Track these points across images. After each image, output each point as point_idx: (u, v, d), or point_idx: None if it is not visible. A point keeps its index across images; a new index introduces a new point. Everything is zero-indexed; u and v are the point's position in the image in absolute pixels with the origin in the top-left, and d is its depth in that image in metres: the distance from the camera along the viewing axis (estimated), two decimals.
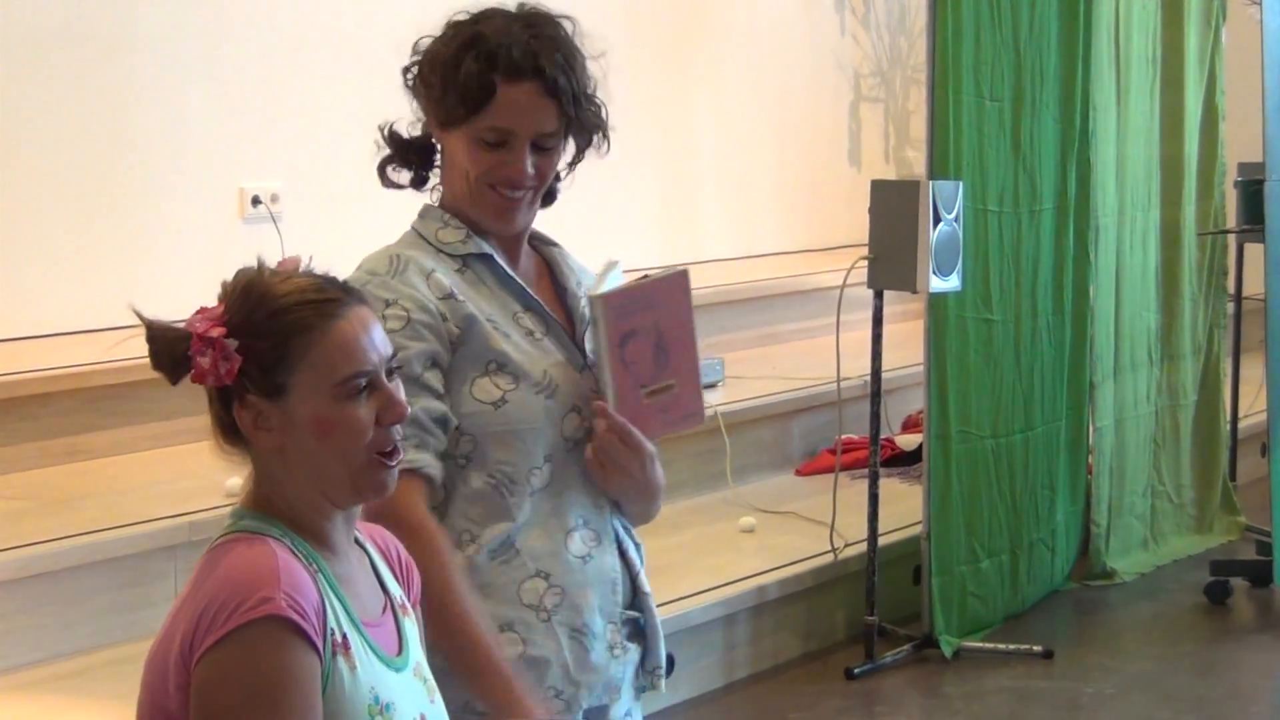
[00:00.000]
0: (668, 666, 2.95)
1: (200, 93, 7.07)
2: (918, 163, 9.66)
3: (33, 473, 5.84)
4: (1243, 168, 7.51)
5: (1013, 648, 6.26)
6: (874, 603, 6.10)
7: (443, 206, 2.85)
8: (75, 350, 6.20)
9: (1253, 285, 7.83)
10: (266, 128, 7.27)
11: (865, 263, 6.10)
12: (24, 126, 6.58)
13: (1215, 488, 7.73)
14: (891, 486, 7.01)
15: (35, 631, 4.96)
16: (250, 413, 2.22)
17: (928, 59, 6.25)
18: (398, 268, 2.75)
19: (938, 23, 6.17)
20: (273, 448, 2.23)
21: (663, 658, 2.91)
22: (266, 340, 2.20)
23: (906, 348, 7.26)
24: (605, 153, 2.88)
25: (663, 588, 2.96)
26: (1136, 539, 7.33)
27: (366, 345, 2.23)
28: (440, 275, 2.76)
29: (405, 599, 2.38)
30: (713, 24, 9.35)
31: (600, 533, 2.82)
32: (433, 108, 2.79)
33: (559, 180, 2.87)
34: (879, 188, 6.13)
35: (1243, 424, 8.01)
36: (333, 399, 2.21)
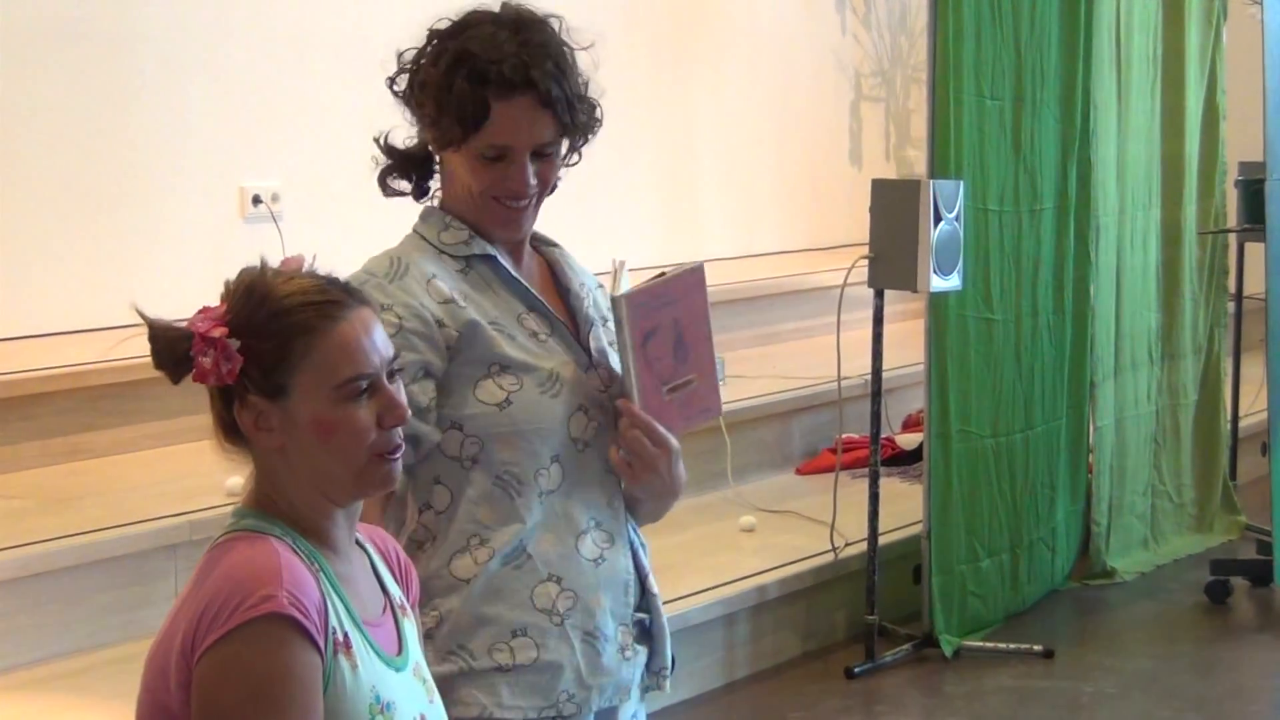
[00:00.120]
0: (670, 665, 2.95)
1: (201, 92, 7.07)
2: (918, 162, 9.66)
3: (33, 472, 5.84)
4: (1243, 167, 7.51)
5: (1013, 647, 6.26)
6: (874, 602, 6.10)
7: (443, 209, 2.83)
8: (75, 349, 6.20)
9: (1253, 284, 7.84)
10: (267, 127, 7.27)
11: (866, 262, 6.09)
12: (24, 125, 6.58)
13: (1215, 487, 7.73)
14: (892, 486, 7.01)
15: (35, 631, 4.96)
16: (251, 413, 2.22)
17: (928, 58, 6.25)
18: (397, 271, 2.74)
19: (938, 22, 6.17)
20: (274, 448, 2.23)
21: (669, 658, 2.91)
22: (268, 341, 2.20)
23: (907, 347, 7.26)
24: (595, 133, 2.85)
25: (663, 587, 2.95)
26: (1137, 538, 7.33)
27: (368, 347, 2.23)
28: (440, 281, 2.74)
29: (404, 600, 2.38)
30: (713, 24, 9.35)
31: (613, 533, 2.82)
32: (429, 130, 2.78)
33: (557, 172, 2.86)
34: (879, 187, 6.13)
35: (1243, 423, 8.01)
36: (334, 401, 2.21)
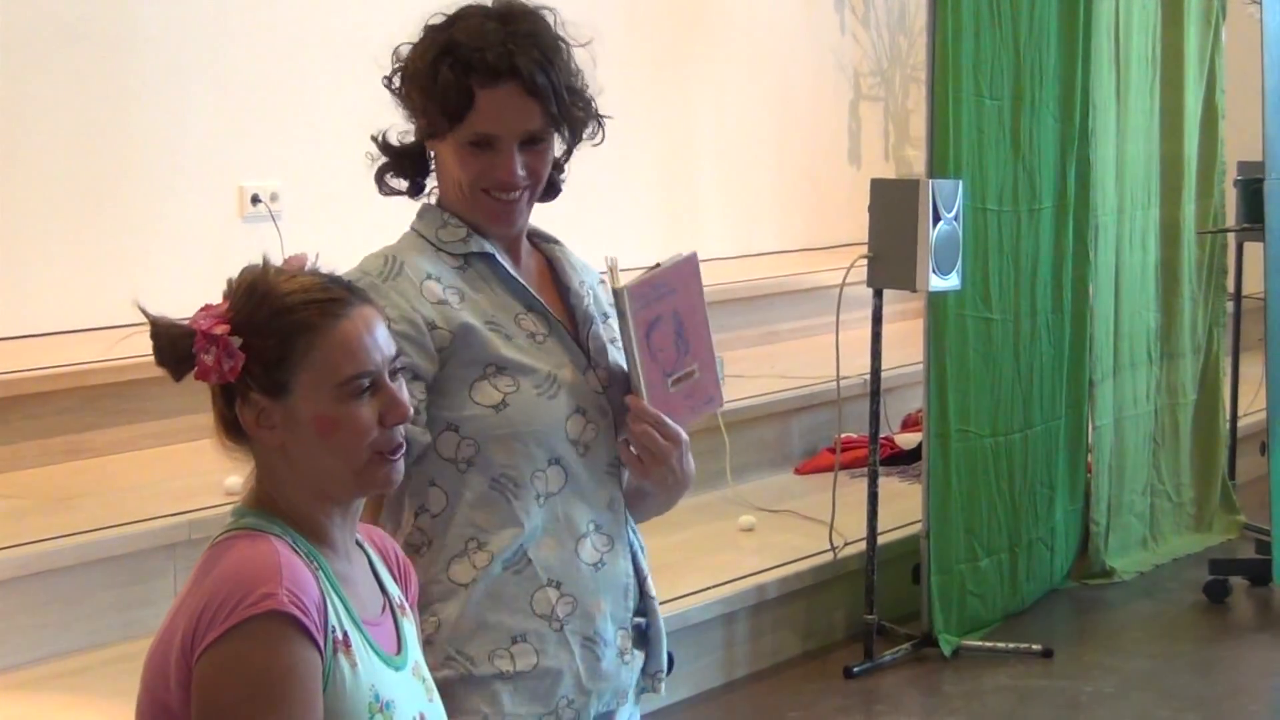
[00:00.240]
0: (668, 666, 2.95)
1: (201, 91, 7.07)
2: (917, 161, 9.66)
3: (33, 471, 5.84)
4: (1242, 166, 7.51)
5: (1012, 646, 6.26)
6: (873, 601, 6.10)
7: (441, 206, 2.82)
8: (75, 348, 6.20)
9: (1252, 284, 7.84)
10: (266, 127, 7.27)
11: (865, 261, 6.09)
12: (24, 125, 6.58)
13: (1214, 486, 7.73)
14: (891, 485, 7.02)
15: (35, 630, 4.96)
16: (253, 410, 2.22)
17: (927, 58, 6.25)
18: (391, 271, 2.72)
19: (937, 21, 6.17)
20: (275, 446, 2.23)
21: (664, 661, 2.90)
22: (270, 339, 2.20)
23: (906, 346, 7.26)
24: (599, 141, 2.84)
25: (662, 587, 2.95)
26: (1136, 538, 7.33)
27: (370, 345, 2.23)
28: (434, 282, 2.72)
29: (403, 599, 2.39)
30: (712, 23, 9.35)
31: (613, 536, 2.80)
32: (417, 120, 2.77)
33: (560, 173, 2.85)
34: (879, 186, 6.13)
35: (1242, 422, 8.01)
36: (335, 399, 2.21)
